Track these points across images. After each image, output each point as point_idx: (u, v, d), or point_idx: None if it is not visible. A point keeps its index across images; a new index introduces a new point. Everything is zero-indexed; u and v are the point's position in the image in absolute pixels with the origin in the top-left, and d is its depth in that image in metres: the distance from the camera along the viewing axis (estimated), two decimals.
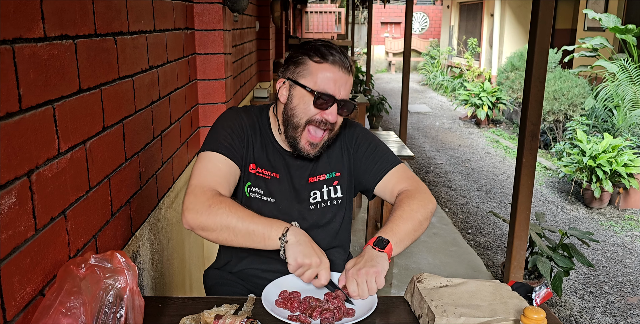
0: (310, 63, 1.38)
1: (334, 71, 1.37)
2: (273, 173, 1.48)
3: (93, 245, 1.31)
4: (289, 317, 1.19)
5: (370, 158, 1.54)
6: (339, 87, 1.37)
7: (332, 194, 1.53)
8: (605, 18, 6.77)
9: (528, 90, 2.49)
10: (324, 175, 1.52)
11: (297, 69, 1.40)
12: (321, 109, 1.38)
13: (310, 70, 1.38)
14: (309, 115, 1.39)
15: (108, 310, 1.00)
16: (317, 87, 1.37)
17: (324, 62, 1.37)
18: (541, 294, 1.23)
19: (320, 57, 1.37)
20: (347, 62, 1.39)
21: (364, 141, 1.56)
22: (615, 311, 3.36)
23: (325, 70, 1.37)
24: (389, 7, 19.20)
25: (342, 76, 1.37)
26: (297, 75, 1.40)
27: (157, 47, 1.91)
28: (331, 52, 1.37)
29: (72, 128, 1.19)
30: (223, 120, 1.47)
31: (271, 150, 1.50)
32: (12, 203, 0.94)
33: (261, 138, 1.49)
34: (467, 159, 7.16)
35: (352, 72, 1.41)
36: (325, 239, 1.54)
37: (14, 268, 0.95)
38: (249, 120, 1.49)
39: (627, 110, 6.14)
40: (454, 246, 4.03)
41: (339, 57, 1.37)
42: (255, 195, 1.47)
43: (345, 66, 1.38)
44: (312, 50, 1.38)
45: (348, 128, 1.57)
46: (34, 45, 1.03)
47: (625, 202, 5.16)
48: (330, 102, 1.37)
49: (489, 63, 12.68)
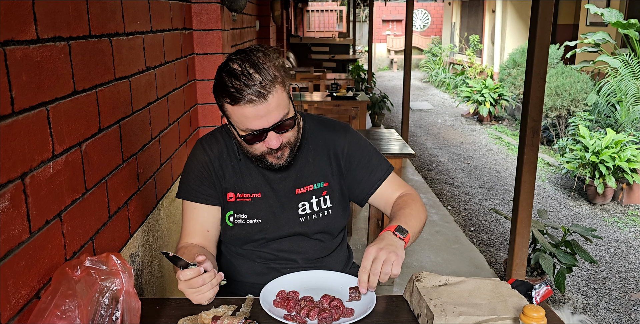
0: (226, 107, 1.29)
1: (249, 111, 1.25)
2: (254, 194, 1.47)
3: (90, 247, 1.30)
4: (285, 317, 1.18)
5: (365, 168, 1.51)
6: (262, 118, 1.27)
7: (322, 204, 1.49)
8: (607, 13, 6.73)
9: (529, 86, 2.48)
10: (311, 186, 1.49)
11: (222, 108, 1.32)
12: (259, 141, 1.33)
13: (229, 113, 1.30)
14: (255, 149, 1.36)
15: (104, 313, 0.99)
16: (242, 128, 1.30)
17: (235, 104, 1.25)
18: (541, 292, 1.23)
19: (230, 99, 1.26)
20: (259, 85, 1.23)
21: (356, 150, 1.51)
22: (619, 308, 3.35)
23: (240, 112, 1.26)
24: (390, 4, 19.16)
25: (261, 108, 1.25)
26: (225, 113, 1.33)
27: (154, 47, 1.91)
28: (238, 87, 1.23)
29: (67, 130, 1.19)
30: (189, 161, 1.51)
31: (247, 170, 1.48)
32: (5, 206, 0.94)
33: (233, 162, 1.48)
34: (469, 156, 7.14)
35: (272, 88, 1.25)
36: (322, 247, 1.52)
37: (9, 271, 0.95)
38: (216, 150, 1.48)
39: (630, 105, 6.11)
40: (456, 244, 4.02)
41: (246, 90, 1.23)
42: (240, 220, 1.46)
43: (259, 95, 1.24)
44: (222, 91, 1.27)
45: (337, 133, 1.51)
46: (27, 47, 1.03)
47: (628, 198, 5.14)
48: (263, 135, 1.31)
49: (491, 60, 12.64)
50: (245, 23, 4.24)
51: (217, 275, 1.24)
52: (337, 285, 1.35)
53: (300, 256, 1.50)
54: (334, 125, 1.54)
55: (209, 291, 1.23)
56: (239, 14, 3.62)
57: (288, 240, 1.49)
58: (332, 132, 1.51)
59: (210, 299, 1.25)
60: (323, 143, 1.51)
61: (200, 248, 1.43)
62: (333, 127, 1.53)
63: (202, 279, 1.20)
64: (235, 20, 3.06)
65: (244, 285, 1.51)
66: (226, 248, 1.56)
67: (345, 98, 5.36)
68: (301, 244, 1.50)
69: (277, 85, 1.27)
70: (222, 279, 1.26)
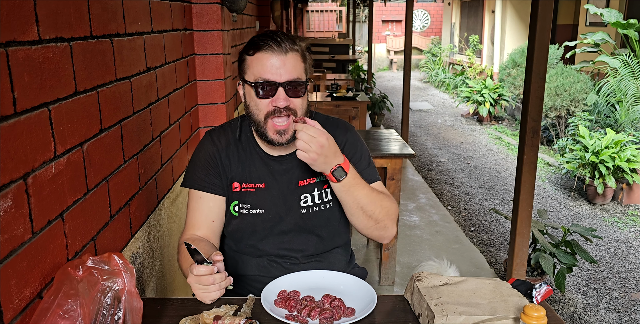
0: (247, 58, 1.39)
1: (267, 57, 1.34)
2: (257, 184, 1.49)
3: (92, 247, 1.31)
4: (287, 316, 1.19)
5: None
6: (276, 69, 1.34)
7: (324, 197, 1.51)
8: (606, 13, 6.74)
9: (528, 86, 2.48)
10: (314, 178, 1.50)
11: (241, 67, 1.42)
12: (267, 98, 1.36)
13: (248, 64, 1.39)
14: (261, 109, 1.38)
15: (106, 312, 1.00)
16: (255, 78, 1.36)
17: (256, 51, 1.35)
18: (541, 292, 1.23)
19: (253, 48, 1.36)
20: (283, 42, 1.34)
21: (350, 149, 1.52)
22: (619, 307, 3.35)
23: (258, 59, 1.35)
24: (390, 5, 19.18)
25: (278, 58, 1.34)
26: (242, 72, 1.42)
27: (155, 48, 1.91)
28: (264, 39, 1.35)
29: (69, 130, 1.19)
30: (197, 151, 1.54)
31: (253, 161, 1.50)
32: (8, 206, 0.94)
33: (240, 153, 1.50)
34: (469, 156, 7.14)
35: (294, 50, 1.36)
36: (322, 243, 1.53)
37: (11, 271, 0.95)
38: (224, 141, 1.51)
39: (629, 105, 6.11)
40: (456, 244, 4.02)
41: (271, 41, 1.34)
42: (244, 210, 1.49)
43: (281, 47, 1.34)
44: (248, 45, 1.39)
45: (339, 130, 1.53)
46: (28, 48, 1.03)
47: (628, 198, 5.14)
48: (273, 89, 1.35)
49: (490, 60, 12.65)
50: (246, 23, 4.24)
51: (227, 279, 1.26)
52: (338, 285, 1.35)
53: (301, 254, 1.51)
54: (338, 123, 1.57)
55: (216, 292, 1.24)
56: (239, 14, 3.63)
57: (289, 235, 1.50)
58: (335, 128, 1.53)
59: (214, 299, 1.26)
60: None
61: (207, 242, 1.44)
62: (337, 124, 1.55)
63: (212, 279, 1.22)
64: (235, 20, 3.07)
65: (246, 278, 1.53)
66: (228, 244, 1.56)
67: (345, 98, 5.36)
68: (302, 240, 1.51)
69: (297, 53, 1.37)
70: (230, 284, 1.27)
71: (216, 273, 1.23)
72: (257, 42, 1.36)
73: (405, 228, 4.27)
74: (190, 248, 1.22)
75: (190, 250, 1.22)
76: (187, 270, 1.32)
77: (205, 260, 1.22)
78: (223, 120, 2.64)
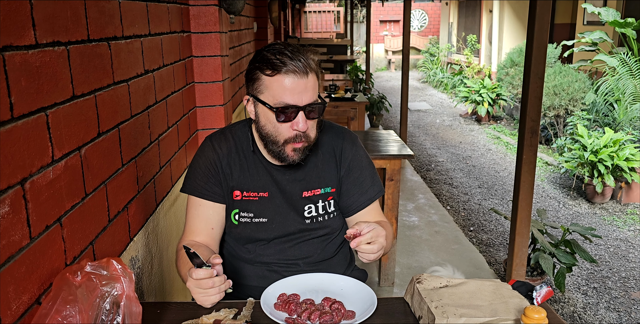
0: (263, 78, 1.31)
1: (289, 81, 1.29)
2: (261, 193, 1.47)
3: (90, 252, 1.30)
4: (286, 320, 1.18)
5: (359, 187, 1.52)
6: (298, 93, 1.29)
7: (328, 209, 1.51)
8: (604, 12, 6.75)
9: (527, 86, 2.48)
10: (319, 190, 1.49)
11: (255, 85, 1.34)
12: (288, 121, 1.33)
13: (265, 85, 1.32)
14: (281, 132, 1.35)
15: (105, 318, 0.99)
16: (275, 101, 1.30)
17: (276, 73, 1.29)
18: (542, 293, 1.23)
19: (271, 69, 1.29)
20: (303, 62, 1.29)
21: (356, 165, 1.51)
22: (619, 307, 3.35)
23: (279, 82, 1.29)
24: (388, 5, 19.18)
25: (300, 82, 1.29)
26: (256, 91, 1.35)
27: (153, 50, 1.91)
28: (281, 59, 1.28)
29: (66, 135, 1.19)
30: (197, 157, 1.51)
31: (256, 169, 1.48)
32: (5, 212, 0.94)
33: (242, 160, 1.48)
34: (468, 156, 7.14)
35: (312, 70, 1.31)
36: (325, 250, 1.53)
37: (9, 277, 0.94)
38: (225, 148, 1.48)
39: (627, 104, 6.12)
40: (456, 244, 4.02)
41: (290, 62, 1.28)
42: (246, 219, 1.47)
43: (301, 69, 1.28)
44: (263, 62, 1.31)
45: (345, 142, 1.52)
46: (25, 52, 1.03)
47: (627, 197, 5.14)
48: (294, 113, 1.31)
49: (488, 60, 12.65)
50: (243, 25, 4.24)
51: (227, 282, 1.25)
52: (338, 288, 1.35)
53: (303, 261, 1.51)
54: (344, 132, 1.55)
55: (215, 295, 1.23)
56: (237, 16, 3.63)
57: (290, 242, 1.50)
58: (341, 139, 1.52)
59: (213, 303, 1.25)
60: (331, 148, 1.52)
61: (206, 248, 1.44)
62: (342, 134, 1.54)
63: (212, 282, 1.21)
64: (233, 22, 3.06)
65: (246, 288, 1.51)
66: (228, 251, 1.56)
67: (344, 99, 5.36)
68: (303, 247, 1.50)
69: (314, 73, 1.33)
70: (229, 287, 1.26)
71: (215, 276, 1.23)
72: (274, 62, 1.28)
73: (404, 229, 4.26)
74: (190, 252, 1.21)
75: (189, 253, 1.21)
76: (185, 275, 1.32)
77: (204, 263, 1.22)
78: (221, 122, 2.64)
